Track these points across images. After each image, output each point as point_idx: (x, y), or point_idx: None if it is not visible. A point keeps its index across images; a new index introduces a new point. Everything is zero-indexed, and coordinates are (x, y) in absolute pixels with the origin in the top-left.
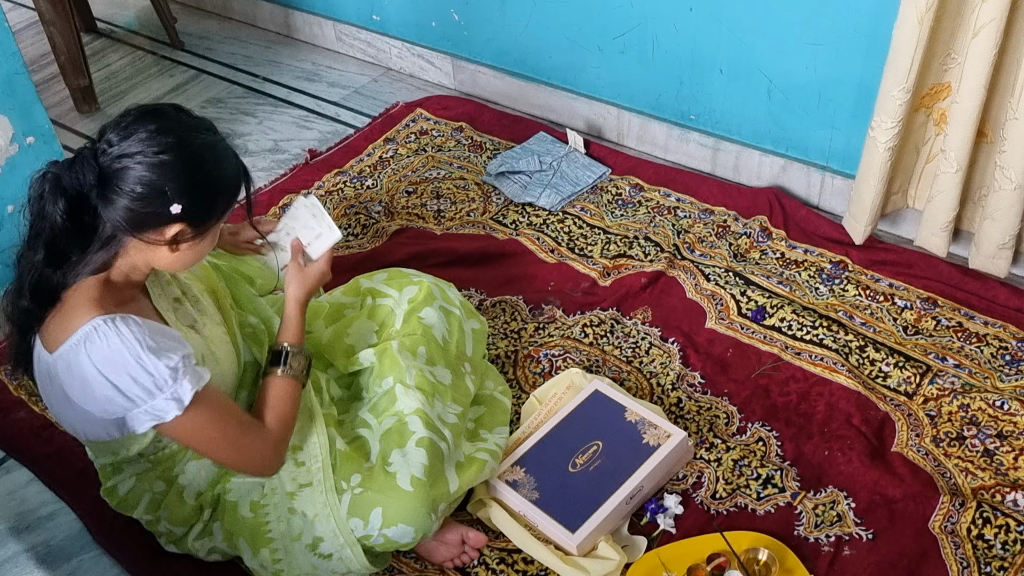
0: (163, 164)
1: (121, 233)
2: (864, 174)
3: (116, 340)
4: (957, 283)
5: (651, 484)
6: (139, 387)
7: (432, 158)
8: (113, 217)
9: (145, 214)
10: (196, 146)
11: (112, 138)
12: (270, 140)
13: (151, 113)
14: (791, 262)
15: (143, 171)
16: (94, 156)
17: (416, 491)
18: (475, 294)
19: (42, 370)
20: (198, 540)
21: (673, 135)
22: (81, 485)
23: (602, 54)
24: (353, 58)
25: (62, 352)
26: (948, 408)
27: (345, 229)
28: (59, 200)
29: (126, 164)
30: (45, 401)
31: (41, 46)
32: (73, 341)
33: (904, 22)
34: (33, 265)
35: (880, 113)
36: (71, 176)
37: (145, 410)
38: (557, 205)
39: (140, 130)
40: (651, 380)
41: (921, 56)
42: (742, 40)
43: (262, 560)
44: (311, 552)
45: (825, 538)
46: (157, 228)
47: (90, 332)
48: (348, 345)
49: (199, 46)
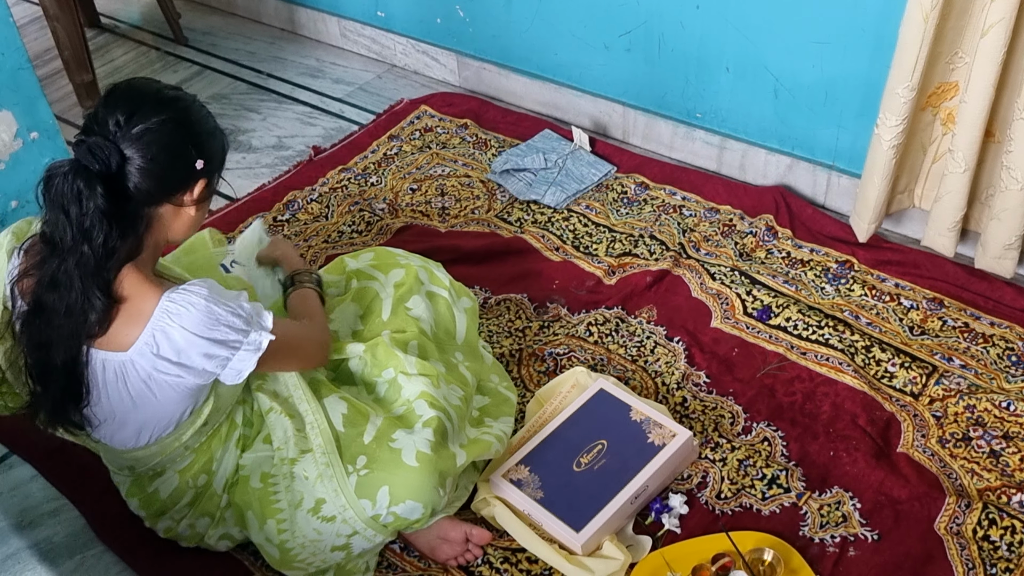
0: (178, 126)
1: (154, 204)
2: (869, 172)
3: (199, 301)
4: (963, 283)
5: (656, 484)
6: (235, 331)
7: (437, 155)
8: (146, 188)
9: (176, 177)
10: (193, 106)
11: (119, 118)
12: (274, 136)
13: (138, 89)
14: (797, 261)
15: (164, 137)
16: (108, 139)
17: (422, 466)
18: (480, 292)
19: (109, 379)
20: (213, 529)
21: (679, 133)
22: (84, 481)
23: (608, 51)
24: (357, 54)
25: (144, 340)
26: (954, 409)
27: (349, 226)
28: (97, 191)
29: (145, 136)
30: (97, 418)
31: (45, 41)
32: (154, 325)
33: (910, 20)
34: (86, 272)
35: (885, 111)
36: (98, 164)
37: (246, 349)
38: (562, 203)
39: (142, 105)
40: (656, 379)
41: (927, 54)
42: (748, 38)
43: (268, 532)
44: (314, 516)
45: (830, 539)
46: (186, 188)
47: (167, 308)
48: (331, 331)
49: (203, 42)
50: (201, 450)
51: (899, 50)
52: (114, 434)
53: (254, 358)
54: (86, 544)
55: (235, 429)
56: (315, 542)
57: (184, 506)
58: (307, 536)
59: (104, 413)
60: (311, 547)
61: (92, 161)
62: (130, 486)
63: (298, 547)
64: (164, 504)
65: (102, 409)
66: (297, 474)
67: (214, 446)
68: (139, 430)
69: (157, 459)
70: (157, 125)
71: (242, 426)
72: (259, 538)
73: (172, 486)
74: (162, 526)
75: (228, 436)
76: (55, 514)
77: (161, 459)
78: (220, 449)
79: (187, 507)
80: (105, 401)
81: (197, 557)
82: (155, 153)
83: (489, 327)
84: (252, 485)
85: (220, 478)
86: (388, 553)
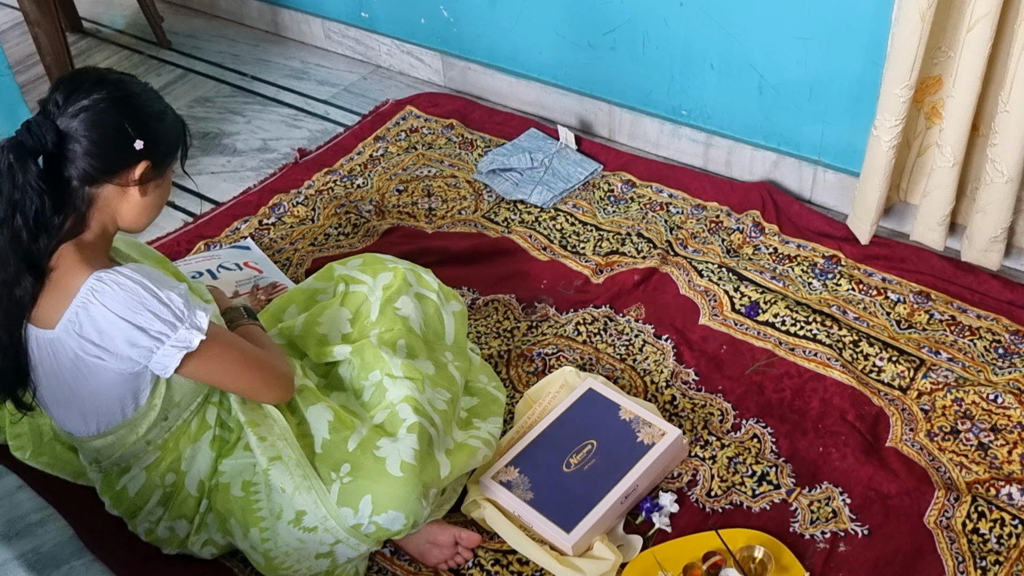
0: (116, 105)
1: (92, 184)
2: (868, 173)
3: (126, 282)
4: (950, 277)
5: (646, 483)
6: (161, 321)
7: (423, 156)
8: (82, 167)
9: (113, 155)
10: (137, 88)
11: (58, 98)
12: (259, 139)
13: (81, 72)
14: (784, 257)
15: (101, 115)
16: (46, 117)
17: (406, 476)
18: (467, 293)
19: (43, 357)
20: (195, 534)
21: (665, 131)
22: (71, 491)
23: (593, 50)
24: (342, 56)
25: (68, 318)
26: (942, 402)
27: (336, 228)
28: (29, 167)
29: (82, 115)
30: (46, 400)
31: (26, 47)
32: (79, 302)
33: (906, 20)
34: (17, 246)
35: (883, 112)
36: (32, 140)
37: (171, 344)
38: (549, 202)
39: (82, 85)
40: (645, 378)
41: (924, 52)
42: (733, 35)
43: (252, 540)
44: (295, 527)
45: (821, 534)
46: (126, 168)
47: (94, 285)
48: (321, 334)
49: (186, 45)
50: (167, 448)
51: (895, 50)
52: (64, 419)
53: (179, 355)
54: (74, 554)
55: (207, 429)
56: (298, 550)
57: (155, 506)
58: (290, 545)
59: (50, 395)
60: (295, 555)
61: (27, 137)
62: (101, 484)
63: (282, 555)
64: (133, 503)
65: (46, 390)
66: (274, 485)
67: (182, 444)
68: (84, 415)
69: (118, 452)
70: (93, 103)
71: (217, 427)
72: (244, 545)
73: (140, 484)
74: (141, 528)
75: (198, 436)
76: (42, 524)
77: (123, 453)
78: (189, 448)
79: (159, 507)
80: (45, 381)
81: (186, 566)
82: (90, 131)
83: (477, 328)
84: (233, 493)
85: (192, 479)
86: (378, 558)
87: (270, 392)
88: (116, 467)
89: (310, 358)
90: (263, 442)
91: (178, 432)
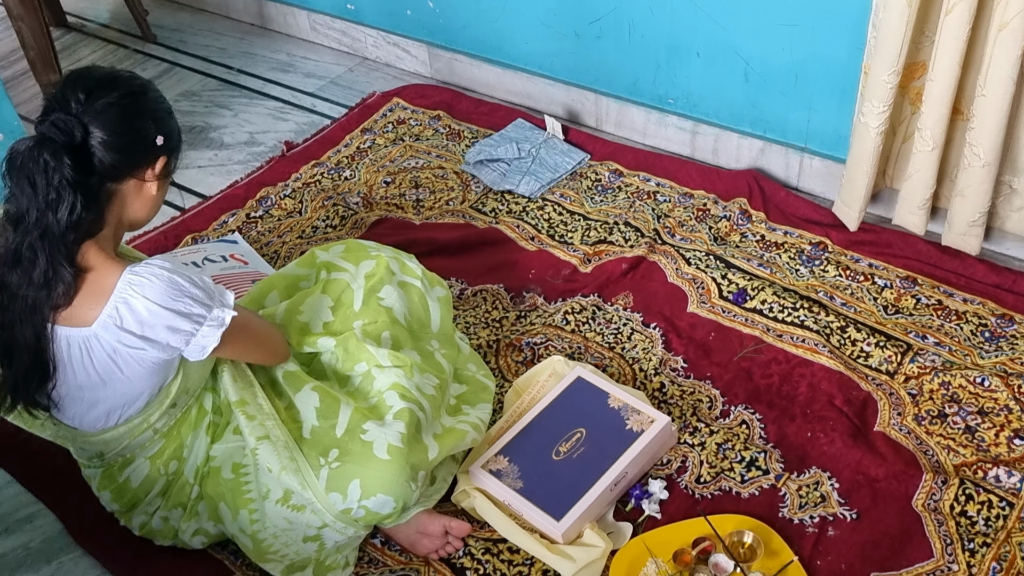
0: (136, 101)
1: (118, 179)
2: (856, 160)
3: (162, 273)
4: (936, 261)
5: (635, 470)
6: (199, 305)
7: (410, 147)
8: (110, 161)
9: (137, 150)
10: (149, 87)
11: (80, 95)
12: (246, 133)
13: (92, 70)
14: (771, 244)
15: (126, 112)
16: (69, 114)
17: (393, 459)
18: (456, 283)
19: (73, 356)
20: (185, 522)
21: (651, 119)
22: (61, 486)
23: (578, 39)
24: (328, 48)
25: (108, 313)
26: (929, 386)
27: (323, 221)
28: (64, 162)
29: (108, 111)
30: (63, 400)
31: (10, 42)
32: (117, 297)
33: (892, 5)
34: (51, 244)
35: (871, 98)
36: (62, 135)
37: (209, 324)
38: (536, 192)
39: (101, 83)
40: (633, 365)
41: (911, 38)
42: (718, 22)
43: (241, 523)
44: (283, 506)
45: (809, 519)
46: (147, 163)
47: (131, 280)
48: (303, 323)
49: (171, 39)
50: (171, 435)
51: (882, 36)
52: (84, 416)
53: (218, 333)
54: (63, 549)
55: (204, 415)
56: (286, 531)
57: (156, 496)
58: (278, 526)
59: (72, 393)
60: (283, 536)
61: (58, 134)
62: (101, 478)
63: (270, 537)
64: (136, 494)
65: (69, 389)
66: (261, 465)
67: (184, 432)
68: (108, 410)
69: (126, 442)
70: (117, 99)
71: (211, 413)
72: (233, 529)
73: (143, 474)
74: (136, 522)
75: (198, 422)
76: (30, 519)
77: (130, 443)
78: (190, 435)
79: (159, 497)
80: (72, 380)
81: (176, 559)
82: (117, 126)
83: (466, 318)
84: (224, 476)
85: (191, 466)
86: (369, 548)
87: (276, 357)
88: (120, 458)
89: (292, 346)
90: (251, 421)
91: (181, 419)
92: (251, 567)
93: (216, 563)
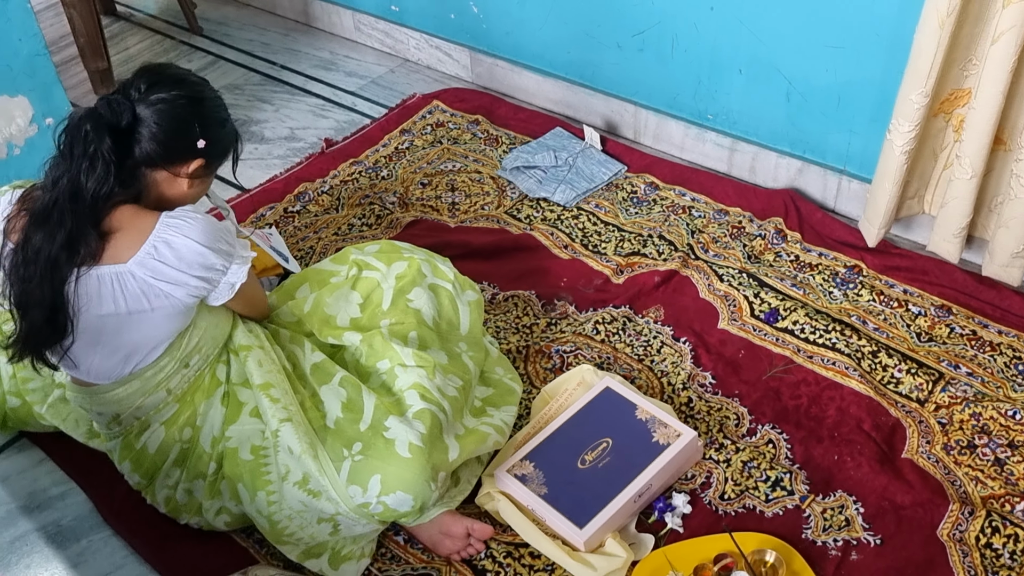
0: (191, 104)
1: (151, 166)
2: (880, 177)
3: (197, 216)
4: (972, 291)
5: (660, 483)
6: (228, 245)
7: (448, 150)
8: (147, 150)
9: (176, 147)
10: (213, 96)
11: (141, 85)
12: (286, 128)
13: (166, 67)
14: (805, 265)
15: (176, 110)
16: (128, 99)
17: (415, 458)
18: (488, 288)
19: (104, 294)
20: (208, 500)
21: (690, 134)
22: (92, 466)
23: (621, 51)
24: (371, 48)
25: (146, 250)
26: (960, 416)
27: (359, 219)
28: (104, 137)
29: (159, 105)
30: (81, 349)
31: (60, 28)
32: (157, 236)
33: (925, 26)
34: (78, 205)
35: (898, 116)
36: (111, 115)
37: (236, 263)
38: (572, 201)
39: (165, 79)
40: (662, 379)
41: (941, 61)
42: (762, 41)
43: (258, 504)
44: (301, 489)
45: (833, 542)
46: (183, 161)
47: (169, 222)
48: (328, 315)
49: (217, 32)
50: (184, 401)
51: (914, 56)
52: (101, 364)
53: (244, 269)
54: (92, 528)
55: (218, 385)
56: (301, 514)
57: (173, 465)
58: (294, 508)
59: (92, 337)
60: (298, 519)
61: (107, 111)
62: (121, 448)
63: (285, 519)
64: (154, 462)
65: (90, 331)
66: (282, 445)
67: (197, 399)
68: (127, 354)
69: (139, 400)
70: (172, 98)
71: (226, 383)
72: (251, 510)
73: (159, 439)
74: (161, 496)
75: (211, 390)
76: (62, 497)
77: (144, 402)
78: (204, 403)
79: (176, 468)
80: (96, 315)
81: (202, 543)
82: (163, 121)
83: (496, 323)
84: (242, 457)
85: (206, 434)
86: (391, 544)
87: (262, 312)
88: (136, 421)
89: (315, 335)
90: (275, 404)
91: (194, 386)
92: (275, 555)
93: (241, 550)
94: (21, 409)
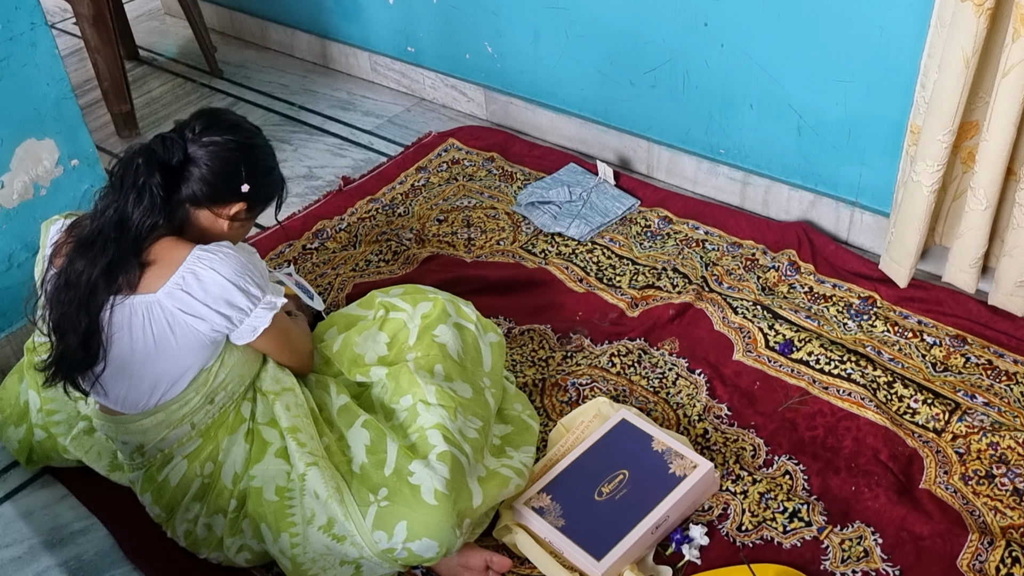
0: (241, 150)
1: (195, 204)
2: (907, 217)
3: (229, 252)
4: (986, 321)
5: (677, 514)
6: (256, 286)
7: (463, 187)
8: (194, 189)
9: (221, 189)
10: (263, 144)
11: (196, 126)
12: (305, 167)
13: (221, 112)
14: (819, 297)
15: (226, 154)
16: (181, 139)
17: (441, 505)
18: (504, 322)
19: (134, 322)
20: (230, 537)
21: (702, 168)
22: (114, 501)
23: (633, 88)
24: (387, 88)
25: (175, 280)
26: (977, 446)
27: (376, 255)
28: (154, 172)
29: (211, 147)
30: (110, 378)
31: (85, 72)
32: (187, 267)
33: (950, 66)
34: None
35: (925, 157)
36: (164, 152)
37: (262, 307)
38: (586, 235)
39: (220, 123)
40: (678, 411)
41: (967, 98)
42: (772, 76)
43: (282, 545)
44: (325, 533)
45: (851, 573)
46: (225, 203)
47: (200, 255)
48: (357, 354)
49: (237, 74)
50: (208, 436)
51: (937, 96)
52: (128, 393)
53: (269, 315)
54: (114, 563)
55: (242, 422)
56: (324, 556)
57: (193, 499)
58: (317, 551)
59: (122, 366)
60: (321, 561)
61: (161, 148)
62: (143, 480)
63: (308, 561)
64: (174, 495)
65: (121, 360)
66: (308, 489)
67: (220, 435)
68: (153, 384)
69: (164, 433)
70: (224, 142)
71: (251, 420)
72: (274, 550)
73: (181, 473)
74: (181, 529)
75: (235, 427)
76: (84, 532)
77: (168, 435)
78: (227, 439)
79: (197, 501)
80: (127, 347)
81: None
82: (212, 163)
83: (513, 356)
84: (267, 497)
85: (228, 470)
86: None
87: (302, 363)
88: (159, 453)
89: (344, 375)
90: (303, 448)
91: (218, 421)
92: None
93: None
94: (46, 442)
